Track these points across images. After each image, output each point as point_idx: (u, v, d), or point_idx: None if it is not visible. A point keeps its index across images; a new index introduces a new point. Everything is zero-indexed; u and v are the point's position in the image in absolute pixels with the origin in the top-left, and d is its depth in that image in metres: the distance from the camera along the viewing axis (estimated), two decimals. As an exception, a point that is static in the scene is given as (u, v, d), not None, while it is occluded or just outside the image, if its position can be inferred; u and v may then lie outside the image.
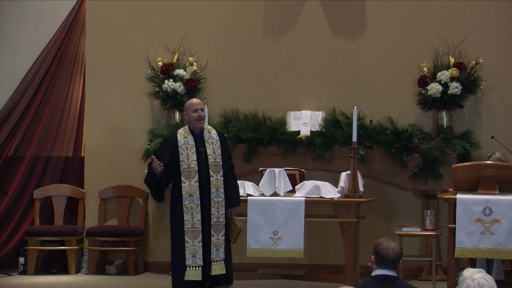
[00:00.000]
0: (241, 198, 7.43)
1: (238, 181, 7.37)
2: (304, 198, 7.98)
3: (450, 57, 9.06)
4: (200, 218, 6.75)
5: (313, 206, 8.15)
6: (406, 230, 8.01)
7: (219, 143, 6.93)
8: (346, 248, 7.98)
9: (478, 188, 7.18)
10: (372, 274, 4.79)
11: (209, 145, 6.89)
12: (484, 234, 7.04)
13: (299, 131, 9.02)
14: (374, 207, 8.86)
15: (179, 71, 9.28)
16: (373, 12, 9.33)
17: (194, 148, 6.82)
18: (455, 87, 8.90)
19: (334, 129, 9.01)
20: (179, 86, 9.22)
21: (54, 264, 9.48)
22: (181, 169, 6.79)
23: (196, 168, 6.78)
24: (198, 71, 9.35)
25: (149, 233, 9.54)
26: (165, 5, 9.56)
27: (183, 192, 6.78)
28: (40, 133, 9.72)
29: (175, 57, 9.39)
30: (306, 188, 8.08)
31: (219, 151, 6.89)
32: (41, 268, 9.39)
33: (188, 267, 6.73)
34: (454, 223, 7.11)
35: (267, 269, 8.80)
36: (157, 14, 9.57)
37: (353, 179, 8.01)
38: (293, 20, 9.42)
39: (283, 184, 8.09)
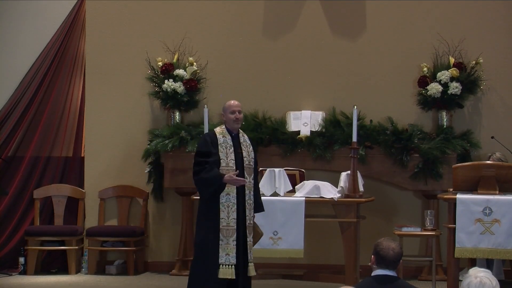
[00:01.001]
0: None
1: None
2: (304, 198, 7.98)
3: (450, 57, 9.06)
4: (235, 217, 6.74)
5: (313, 206, 8.15)
6: (406, 230, 8.01)
7: (251, 147, 6.99)
8: (346, 248, 7.98)
9: (478, 188, 7.18)
10: (372, 274, 4.79)
11: (244, 147, 6.93)
12: (484, 234, 7.04)
13: (299, 131, 9.02)
14: (374, 207, 8.86)
15: (179, 71, 9.28)
16: (373, 12, 9.33)
17: (233, 148, 6.84)
18: (455, 87, 8.91)
19: (334, 129, 9.01)
20: (179, 86, 9.21)
21: (54, 264, 9.48)
22: (220, 166, 6.78)
23: (234, 167, 6.77)
24: (198, 71, 9.35)
25: (149, 233, 9.54)
26: (165, 5, 9.56)
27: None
28: (40, 133, 9.72)
29: (175, 57, 9.39)
30: (306, 188, 8.08)
31: (252, 155, 6.94)
32: (41, 268, 9.38)
33: (221, 265, 6.68)
34: (454, 223, 7.11)
35: (267, 269, 8.80)
36: (157, 14, 9.57)
37: (353, 179, 8.01)
38: (293, 20, 9.43)
39: (283, 184, 8.09)
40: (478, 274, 4.11)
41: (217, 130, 6.91)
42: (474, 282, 4.08)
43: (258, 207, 7.00)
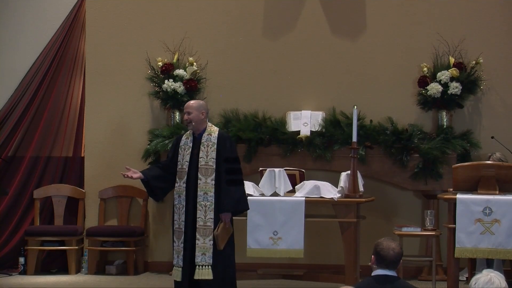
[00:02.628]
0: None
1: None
2: (304, 198, 7.98)
3: (450, 57, 9.06)
4: (184, 220, 6.76)
5: (313, 206, 8.15)
6: (406, 230, 8.01)
7: (215, 146, 6.82)
8: (346, 248, 7.98)
9: (478, 188, 7.18)
10: (372, 274, 4.79)
11: (204, 147, 6.83)
12: (484, 234, 7.04)
13: (299, 131, 9.02)
14: (374, 207, 8.86)
15: (179, 71, 9.28)
16: (373, 12, 9.33)
17: (190, 150, 6.86)
18: (455, 87, 8.91)
19: (334, 129, 9.01)
20: (179, 86, 9.22)
21: (54, 264, 9.48)
22: (177, 168, 6.88)
23: (187, 169, 6.79)
24: (198, 71, 9.35)
25: (149, 233, 9.53)
26: (165, 5, 9.56)
27: (174, 192, 6.88)
28: (40, 133, 9.71)
29: (175, 57, 9.39)
30: (306, 188, 8.08)
31: (213, 154, 6.78)
32: (41, 268, 9.38)
33: (174, 267, 6.81)
34: (454, 223, 7.11)
35: (267, 269, 8.80)
36: (157, 14, 9.56)
37: (353, 179, 8.01)
38: (293, 20, 9.43)
39: (283, 184, 8.09)
40: (490, 273, 4.18)
41: (188, 132, 7.01)
42: (484, 278, 4.13)
43: (222, 206, 6.73)
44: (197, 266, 6.69)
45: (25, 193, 9.64)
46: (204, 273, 6.69)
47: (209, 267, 6.68)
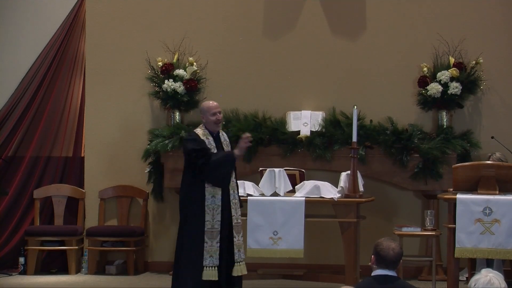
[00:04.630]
0: (241, 198, 7.44)
1: (238, 181, 7.37)
2: (304, 198, 7.97)
3: (450, 57, 9.06)
4: (220, 219, 6.79)
5: (313, 206, 8.15)
6: (406, 230, 8.01)
7: (230, 145, 7.05)
8: (346, 248, 7.98)
9: (478, 188, 7.17)
10: (372, 274, 4.79)
11: (225, 147, 7.01)
12: (484, 234, 7.04)
13: (299, 131, 9.02)
14: (374, 207, 8.86)
15: (179, 71, 9.28)
16: (373, 12, 9.33)
17: (216, 150, 6.89)
18: (455, 87, 8.91)
19: (334, 129, 9.01)
20: (179, 86, 9.21)
21: (54, 264, 9.48)
22: None
23: None
24: (198, 71, 9.35)
25: (149, 233, 9.53)
26: (165, 5, 9.56)
27: (206, 192, 6.81)
28: (40, 133, 9.71)
29: (175, 57, 9.39)
30: (306, 188, 8.08)
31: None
32: (41, 268, 9.38)
33: (205, 267, 6.75)
34: (454, 223, 7.11)
35: (267, 269, 8.80)
36: (157, 14, 9.57)
37: (353, 179, 8.01)
38: (293, 20, 9.43)
39: (283, 184, 8.09)
40: (488, 274, 4.17)
41: (199, 131, 6.96)
42: (483, 279, 4.12)
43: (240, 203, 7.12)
44: (236, 263, 6.84)
45: (25, 193, 9.64)
46: (242, 269, 6.88)
47: (244, 262, 6.90)
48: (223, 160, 6.82)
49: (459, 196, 7.13)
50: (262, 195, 8.08)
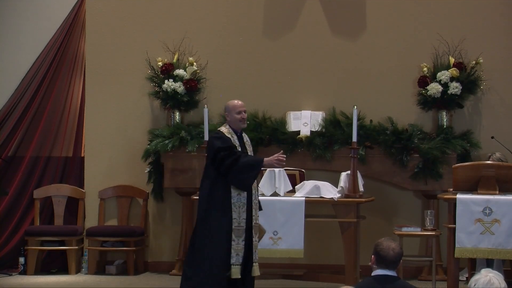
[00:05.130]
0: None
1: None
2: (304, 198, 7.97)
3: (450, 57, 9.06)
4: (245, 217, 6.73)
5: (313, 206, 8.15)
6: (406, 230, 8.02)
7: (251, 146, 7.02)
8: (346, 248, 7.98)
9: (478, 188, 7.18)
10: (372, 274, 4.79)
11: (248, 146, 6.96)
12: (484, 234, 7.04)
13: (299, 131, 9.02)
14: (374, 207, 8.86)
15: (179, 71, 9.28)
16: (373, 12, 9.33)
17: (240, 149, 6.83)
18: (455, 87, 8.91)
19: (334, 129, 9.01)
20: (179, 86, 9.21)
21: (54, 264, 9.48)
22: None
23: None
24: (198, 71, 9.35)
25: (149, 233, 9.53)
26: (165, 5, 9.56)
27: (232, 190, 6.72)
28: (40, 133, 9.71)
29: (175, 57, 9.39)
30: (306, 188, 8.08)
31: (253, 154, 7.02)
32: (41, 268, 9.38)
33: (232, 265, 6.68)
34: (454, 223, 7.11)
35: (267, 269, 8.79)
36: (157, 14, 9.57)
37: (353, 179, 8.01)
38: (293, 20, 9.43)
39: (283, 184, 8.09)
40: (488, 274, 4.17)
41: (224, 130, 6.87)
42: (483, 279, 4.12)
43: (260, 205, 7.03)
44: (254, 263, 6.80)
45: (25, 193, 9.64)
46: (256, 269, 6.84)
47: (257, 263, 6.84)
48: (252, 164, 6.71)
49: (459, 196, 7.13)
50: (262, 195, 8.08)
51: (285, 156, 6.88)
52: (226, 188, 6.72)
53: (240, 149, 6.80)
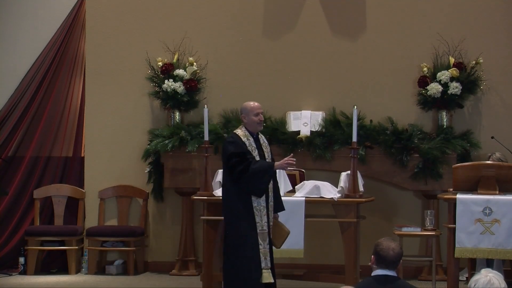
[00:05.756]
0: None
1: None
2: (304, 198, 7.96)
3: (450, 57, 9.06)
4: (267, 221, 6.67)
5: (313, 206, 8.14)
6: (406, 230, 8.01)
7: (269, 147, 6.94)
8: (346, 248, 7.97)
9: (478, 188, 7.17)
10: (372, 274, 4.79)
11: (265, 148, 6.88)
12: (484, 234, 7.04)
13: (299, 131, 9.02)
14: (374, 207, 8.86)
15: (179, 71, 9.28)
16: (373, 12, 9.33)
17: (257, 151, 6.75)
18: (455, 87, 8.91)
19: (334, 129, 9.01)
20: (179, 86, 9.21)
21: (54, 264, 9.48)
22: None
23: None
24: (198, 71, 9.35)
25: (149, 233, 9.53)
26: (165, 5, 9.56)
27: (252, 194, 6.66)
28: (40, 133, 9.72)
29: (175, 57, 9.39)
30: (306, 188, 8.07)
31: (270, 155, 6.92)
32: (41, 268, 9.38)
33: (263, 270, 6.63)
34: (454, 223, 7.11)
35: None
36: (157, 14, 9.56)
37: (353, 179, 8.00)
38: (293, 20, 9.42)
39: (283, 184, 8.07)
40: (488, 274, 4.16)
41: (239, 133, 6.79)
42: (483, 279, 4.12)
43: (282, 206, 6.97)
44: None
45: (25, 193, 9.64)
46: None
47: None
48: (263, 170, 6.63)
49: (459, 196, 7.13)
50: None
51: (295, 159, 6.84)
52: (245, 193, 6.66)
53: (256, 152, 6.72)
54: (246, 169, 6.57)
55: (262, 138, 6.95)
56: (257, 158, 6.72)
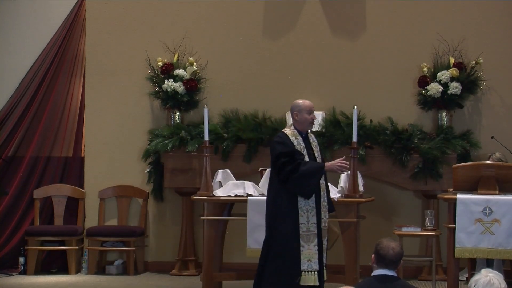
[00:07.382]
0: (241, 198, 7.40)
1: (238, 181, 7.31)
2: (304, 198, 7.95)
3: (450, 57, 9.06)
4: (315, 222, 6.57)
5: (313, 206, 8.13)
6: (406, 230, 8.01)
7: (318, 146, 6.84)
8: (346, 248, 7.96)
9: (478, 188, 7.17)
10: (372, 274, 4.79)
11: (315, 147, 6.77)
12: (484, 234, 7.03)
13: (299, 131, 9.01)
14: (374, 207, 8.86)
15: (179, 71, 9.28)
16: (373, 12, 9.33)
17: (306, 150, 6.65)
18: (455, 87, 8.91)
19: (334, 129, 9.01)
20: (179, 86, 9.21)
21: (54, 264, 9.48)
22: None
23: None
24: (198, 71, 9.35)
25: (149, 233, 9.53)
26: (165, 5, 9.56)
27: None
28: (40, 133, 9.71)
29: (175, 57, 9.39)
30: (306, 188, 8.06)
31: (321, 154, 6.83)
32: (41, 268, 9.38)
33: (303, 272, 6.55)
34: (454, 223, 7.10)
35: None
36: (157, 14, 9.56)
37: (353, 179, 8.00)
38: (293, 20, 9.43)
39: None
40: (488, 274, 4.15)
41: (288, 132, 6.69)
42: (483, 280, 4.11)
43: (332, 207, 6.90)
44: (324, 267, 6.69)
45: (25, 193, 9.64)
46: (324, 273, 6.72)
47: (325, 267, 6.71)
48: (313, 171, 6.52)
49: (459, 196, 7.12)
50: (262, 195, 8.06)
51: (348, 162, 6.73)
52: (291, 193, 6.56)
53: (305, 151, 6.62)
54: (296, 170, 6.45)
55: (312, 137, 6.83)
56: (307, 158, 6.61)
